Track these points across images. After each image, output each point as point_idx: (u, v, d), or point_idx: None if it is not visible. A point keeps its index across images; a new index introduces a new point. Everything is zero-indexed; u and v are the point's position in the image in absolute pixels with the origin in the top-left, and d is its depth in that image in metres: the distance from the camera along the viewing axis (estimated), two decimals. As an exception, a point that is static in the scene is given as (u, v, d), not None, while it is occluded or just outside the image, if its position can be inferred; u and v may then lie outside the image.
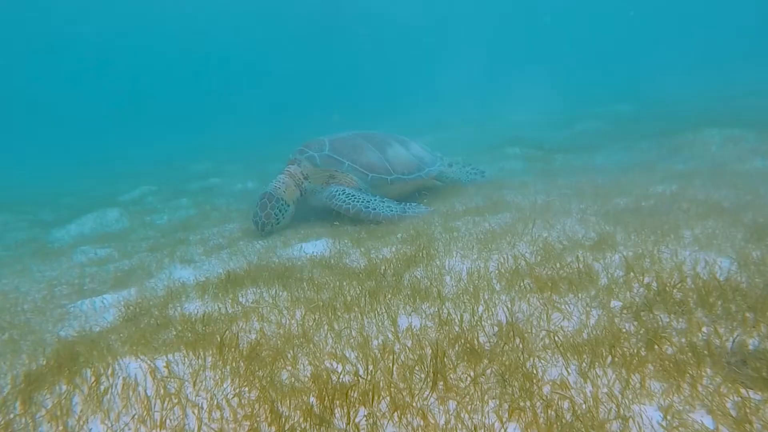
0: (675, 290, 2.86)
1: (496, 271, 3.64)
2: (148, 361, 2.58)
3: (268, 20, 53.57)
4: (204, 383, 2.42)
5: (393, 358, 2.52)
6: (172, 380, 2.44)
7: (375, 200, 6.02)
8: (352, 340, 2.82)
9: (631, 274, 3.21)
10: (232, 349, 2.70)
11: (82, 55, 52.11)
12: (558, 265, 3.58)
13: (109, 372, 2.48)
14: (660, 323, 2.60)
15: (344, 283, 3.78)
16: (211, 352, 2.70)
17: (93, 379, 2.42)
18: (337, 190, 6.15)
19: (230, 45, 54.19)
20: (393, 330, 2.91)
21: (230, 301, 3.68)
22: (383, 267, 4.06)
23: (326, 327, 3.02)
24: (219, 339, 2.80)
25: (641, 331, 2.54)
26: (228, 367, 2.55)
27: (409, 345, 2.68)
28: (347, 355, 2.68)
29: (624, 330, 2.57)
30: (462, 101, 24.09)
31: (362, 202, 5.93)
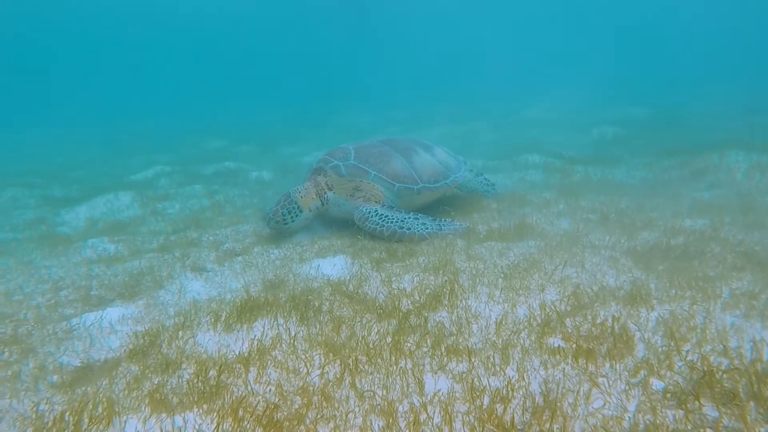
0: (724, 375, 2.68)
1: (526, 322, 3.47)
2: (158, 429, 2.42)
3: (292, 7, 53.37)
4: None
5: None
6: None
7: (409, 218, 5.77)
8: (376, 406, 2.66)
9: (672, 343, 3.03)
10: (248, 414, 2.55)
11: (98, 20, 51.66)
12: (590, 319, 3.40)
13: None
14: (709, 419, 2.42)
15: (364, 320, 3.63)
16: (225, 414, 2.55)
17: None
18: (369, 211, 5.88)
19: (247, 24, 53.96)
20: (419, 391, 2.76)
21: (245, 336, 3.52)
22: (406, 301, 3.89)
23: (348, 382, 2.86)
24: (233, 399, 2.65)
25: (689, 428, 2.37)
26: (245, 436, 2.40)
27: (437, 421, 2.52)
28: (371, 424, 2.52)
29: (670, 426, 2.40)
30: (475, 96, 23.76)
31: (396, 222, 5.68)
